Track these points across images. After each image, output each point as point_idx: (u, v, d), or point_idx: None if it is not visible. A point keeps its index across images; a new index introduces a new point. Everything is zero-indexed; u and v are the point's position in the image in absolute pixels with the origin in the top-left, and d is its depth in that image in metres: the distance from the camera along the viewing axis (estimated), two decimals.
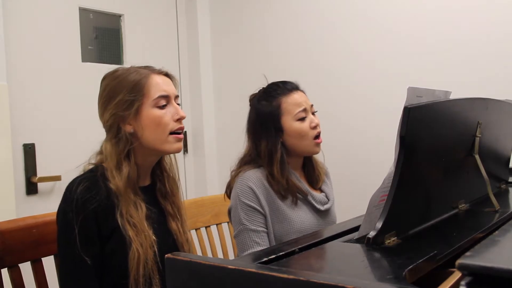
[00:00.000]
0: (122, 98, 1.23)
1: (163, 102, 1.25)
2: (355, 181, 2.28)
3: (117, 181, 1.21)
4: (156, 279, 1.21)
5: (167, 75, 1.31)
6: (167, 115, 1.25)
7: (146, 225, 1.23)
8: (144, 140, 1.25)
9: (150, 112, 1.24)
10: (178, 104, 1.31)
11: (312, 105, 1.56)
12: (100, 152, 1.30)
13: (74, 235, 1.15)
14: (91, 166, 1.28)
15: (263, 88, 1.59)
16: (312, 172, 1.61)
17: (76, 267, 1.17)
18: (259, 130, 1.53)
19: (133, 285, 1.18)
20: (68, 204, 1.18)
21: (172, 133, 1.26)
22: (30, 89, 2.13)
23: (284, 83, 1.56)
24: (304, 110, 1.51)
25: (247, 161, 1.56)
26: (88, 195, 1.18)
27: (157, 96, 1.24)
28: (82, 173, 1.28)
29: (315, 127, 1.52)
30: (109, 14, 2.50)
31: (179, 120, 1.28)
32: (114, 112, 1.24)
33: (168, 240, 1.32)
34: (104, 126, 1.28)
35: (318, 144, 1.53)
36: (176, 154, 1.41)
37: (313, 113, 1.55)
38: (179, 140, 1.28)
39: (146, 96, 1.24)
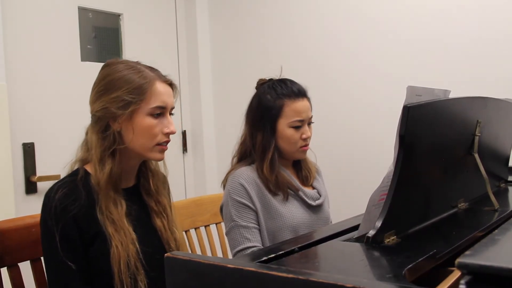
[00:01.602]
0: (120, 95, 1.19)
1: (158, 112, 1.22)
2: (355, 180, 2.28)
3: (99, 176, 1.19)
4: (141, 275, 1.19)
5: (171, 84, 1.28)
6: (158, 126, 1.22)
7: (126, 222, 1.21)
8: (130, 143, 1.22)
9: (143, 119, 1.21)
10: (172, 114, 1.28)
11: (311, 117, 1.57)
12: (86, 146, 1.27)
13: (55, 243, 1.14)
14: (77, 165, 1.26)
15: (272, 80, 1.59)
16: (301, 170, 1.62)
17: (61, 273, 1.16)
18: (257, 120, 1.55)
19: (118, 285, 1.16)
20: (47, 212, 1.17)
21: (158, 144, 1.24)
22: (29, 88, 2.13)
23: (293, 84, 1.56)
24: (302, 121, 1.52)
25: (243, 152, 1.59)
26: (66, 202, 1.16)
27: (155, 105, 1.21)
28: (67, 173, 1.26)
29: (305, 139, 1.53)
30: (108, 14, 2.50)
31: (168, 134, 1.25)
32: (107, 107, 1.20)
33: (152, 237, 1.30)
34: (92, 116, 1.25)
35: (304, 151, 1.56)
36: (176, 154, 1.41)
37: (309, 123, 1.56)
38: (162, 151, 1.26)
39: (145, 102, 1.20)
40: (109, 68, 1.25)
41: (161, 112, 1.23)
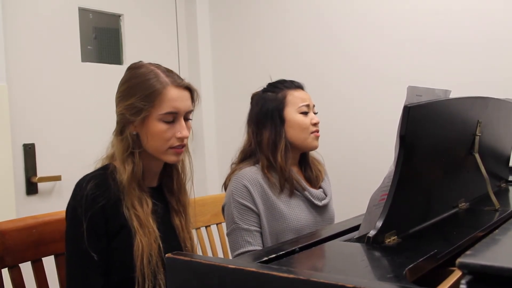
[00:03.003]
0: (133, 102, 1.23)
1: (170, 118, 1.24)
2: (355, 180, 2.28)
3: (122, 176, 1.23)
4: (162, 273, 1.23)
5: (187, 88, 1.29)
6: (170, 131, 1.24)
7: (151, 220, 1.25)
8: (146, 146, 1.27)
9: (155, 124, 1.23)
10: (190, 119, 1.30)
11: (314, 106, 1.59)
12: (112, 145, 1.32)
13: (82, 231, 1.17)
14: (106, 162, 1.30)
15: (268, 83, 1.62)
16: (309, 170, 1.62)
17: (82, 262, 1.19)
18: (263, 120, 1.55)
19: (139, 278, 1.19)
20: (77, 200, 1.20)
21: (172, 147, 1.26)
22: (30, 89, 2.13)
23: (291, 80, 1.61)
24: (307, 105, 1.55)
25: (247, 153, 1.58)
26: (97, 192, 1.20)
27: (165, 112, 1.23)
28: (94, 169, 1.29)
29: (315, 124, 1.55)
30: (108, 14, 2.50)
31: (181, 138, 1.27)
32: (123, 113, 1.25)
33: (172, 235, 1.33)
34: (116, 117, 1.30)
35: (317, 138, 1.56)
36: None
37: (314, 113, 1.58)
38: (177, 153, 1.28)
39: (156, 107, 1.23)
40: (130, 72, 1.29)
41: (173, 118, 1.25)
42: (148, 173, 1.31)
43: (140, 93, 1.23)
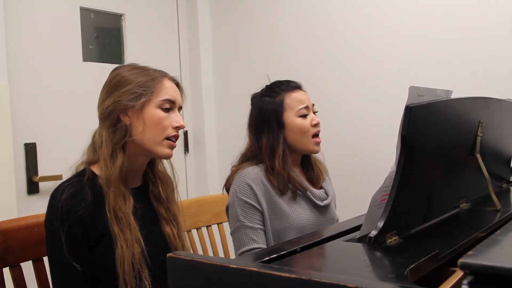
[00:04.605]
0: (131, 89, 1.22)
1: (167, 105, 1.25)
2: (357, 180, 2.28)
3: (110, 171, 1.19)
4: (145, 273, 1.19)
5: (178, 85, 1.32)
6: (168, 119, 1.25)
7: (132, 218, 1.21)
8: (139, 137, 1.23)
9: (153, 111, 1.23)
10: (180, 114, 1.31)
11: (313, 105, 1.58)
12: (92, 148, 1.28)
13: (61, 243, 1.14)
14: (83, 166, 1.26)
15: (266, 85, 1.61)
16: (311, 170, 1.62)
17: (65, 274, 1.16)
18: (261, 125, 1.54)
19: (122, 285, 1.16)
20: (53, 212, 1.16)
21: (167, 138, 1.26)
22: (31, 88, 2.14)
23: (288, 81, 1.59)
24: (306, 107, 1.54)
25: (249, 156, 1.58)
26: (73, 202, 1.16)
27: (164, 98, 1.25)
28: (72, 174, 1.26)
29: (315, 125, 1.54)
30: (110, 14, 2.50)
31: (178, 128, 1.27)
32: (118, 100, 1.22)
33: (157, 239, 1.30)
34: (102, 114, 1.26)
35: (317, 143, 1.55)
36: (177, 154, 1.41)
37: (314, 113, 1.57)
38: (171, 146, 1.27)
39: (155, 94, 1.24)
40: (118, 70, 1.29)
41: (170, 106, 1.26)
42: (131, 172, 1.27)
43: (138, 80, 1.23)
